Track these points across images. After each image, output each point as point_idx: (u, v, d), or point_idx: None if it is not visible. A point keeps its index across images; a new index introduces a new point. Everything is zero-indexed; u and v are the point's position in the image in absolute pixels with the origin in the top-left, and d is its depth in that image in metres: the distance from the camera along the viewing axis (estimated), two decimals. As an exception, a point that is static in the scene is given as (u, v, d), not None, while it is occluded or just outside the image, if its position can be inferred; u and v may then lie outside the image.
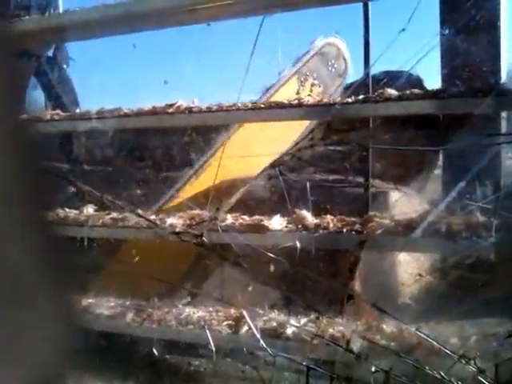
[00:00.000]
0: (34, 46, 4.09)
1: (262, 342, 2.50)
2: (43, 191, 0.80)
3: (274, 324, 2.79)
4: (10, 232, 0.70)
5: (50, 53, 4.39)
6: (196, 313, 2.99)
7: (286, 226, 2.73)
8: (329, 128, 2.42)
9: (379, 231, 2.53)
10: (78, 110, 3.58)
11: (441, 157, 3.46)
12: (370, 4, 2.85)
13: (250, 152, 2.72)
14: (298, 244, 2.52)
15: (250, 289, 2.93)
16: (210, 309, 3.03)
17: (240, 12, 2.98)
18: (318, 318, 2.50)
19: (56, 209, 3.14)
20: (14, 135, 0.74)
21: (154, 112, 3.02)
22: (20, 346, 0.72)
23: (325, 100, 2.70)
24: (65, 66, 4.40)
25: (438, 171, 3.57)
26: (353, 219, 2.71)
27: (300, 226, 2.71)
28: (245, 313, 2.61)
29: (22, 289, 0.72)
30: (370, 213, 2.69)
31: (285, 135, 2.95)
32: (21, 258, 0.72)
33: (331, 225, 2.68)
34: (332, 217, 2.76)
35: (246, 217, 2.90)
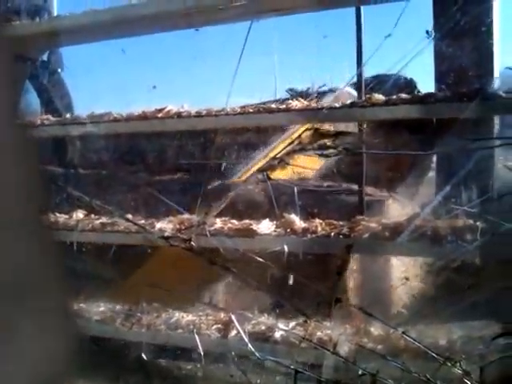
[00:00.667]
0: (28, 51, 4.10)
1: (249, 345, 2.52)
2: (38, 194, 0.80)
3: (263, 327, 2.80)
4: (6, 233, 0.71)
5: (45, 57, 4.39)
6: (185, 317, 3.00)
7: (275, 231, 2.74)
8: (316, 132, 2.43)
9: (366, 235, 2.55)
10: (68, 115, 3.58)
11: (435, 160, 3.45)
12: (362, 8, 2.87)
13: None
14: (286, 248, 2.52)
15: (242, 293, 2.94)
16: (200, 313, 3.04)
17: (230, 17, 2.99)
18: (305, 322, 2.51)
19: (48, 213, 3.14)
20: (11, 138, 0.75)
21: (143, 117, 3.03)
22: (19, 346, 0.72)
23: (313, 105, 2.72)
24: (59, 70, 4.39)
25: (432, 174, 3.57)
26: (341, 223, 2.72)
27: (288, 230, 2.72)
28: (233, 317, 2.61)
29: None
30: (358, 217, 2.70)
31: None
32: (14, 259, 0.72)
33: (319, 229, 2.69)
34: (320, 221, 2.77)
35: (235, 221, 2.91)
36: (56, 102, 4.18)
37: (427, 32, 2.32)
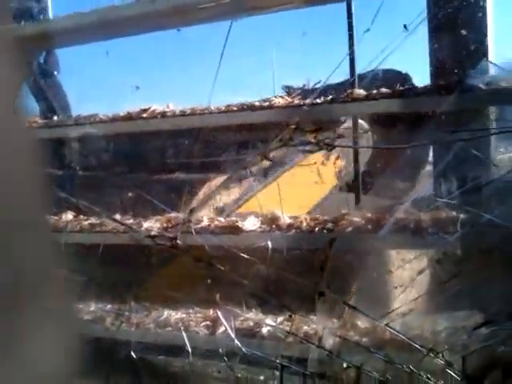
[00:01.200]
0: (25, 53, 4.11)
1: (236, 341, 2.55)
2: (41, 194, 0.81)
3: (251, 323, 2.83)
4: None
5: (41, 59, 4.40)
6: (175, 315, 3.02)
7: (260, 227, 2.76)
8: (297, 128, 2.45)
9: (349, 229, 2.57)
10: (55, 118, 3.61)
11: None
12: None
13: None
14: (270, 244, 2.55)
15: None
16: (190, 310, 3.06)
17: (212, 17, 3.01)
18: (290, 317, 2.53)
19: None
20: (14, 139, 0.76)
21: (129, 117, 3.06)
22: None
23: (295, 101, 2.74)
24: (55, 72, 4.40)
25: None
26: (326, 218, 2.75)
27: (273, 226, 2.75)
28: (219, 313, 2.64)
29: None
30: (343, 211, 2.73)
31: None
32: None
33: (304, 224, 2.72)
34: (306, 216, 2.79)
35: (221, 218, 2.94)
36: (53, 105, 4.19)
37: (405, 26, 2.33)
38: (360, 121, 3.22)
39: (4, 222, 0.73)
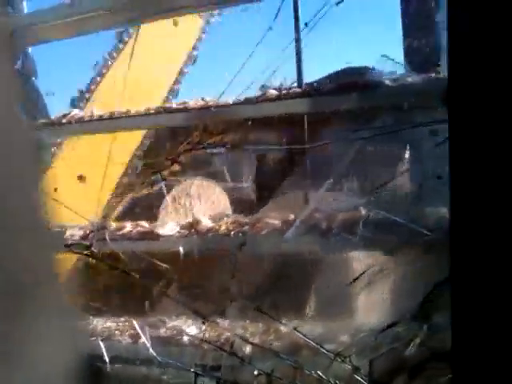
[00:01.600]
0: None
1: (151, 350, 2.51)
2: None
3: (175, 332, 2.78)
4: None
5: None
6: (103, 324, 2.97)
7: (179, 232, 2.71)
8: (205, 131, 2.41)
9: (264, 231, 2.52)
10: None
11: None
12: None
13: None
14: (182, 249, 2.51)
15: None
16: (122, 319, 3.01)
17: (130, 20, 2.96)
18: (203, 323, 2.49)
19: None
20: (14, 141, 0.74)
21: (51, 123, 3.01)
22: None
23: (210, 103, 2.68)
24: (33, 78, 4.37)
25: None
26: (246, 220, 2.70)
27: (193, 231, 2.70)
28: (135, 322, 2.60)
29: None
30: (261, 213, 2.68)
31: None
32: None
33: (223, 227, 2.67)
34: (227, 220, 2.74)
35: (146, 224, 2.89)
36: (31, 111, 4.15)
37: (306, 24, 2.29)
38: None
39: (4, 222, 0.70)
